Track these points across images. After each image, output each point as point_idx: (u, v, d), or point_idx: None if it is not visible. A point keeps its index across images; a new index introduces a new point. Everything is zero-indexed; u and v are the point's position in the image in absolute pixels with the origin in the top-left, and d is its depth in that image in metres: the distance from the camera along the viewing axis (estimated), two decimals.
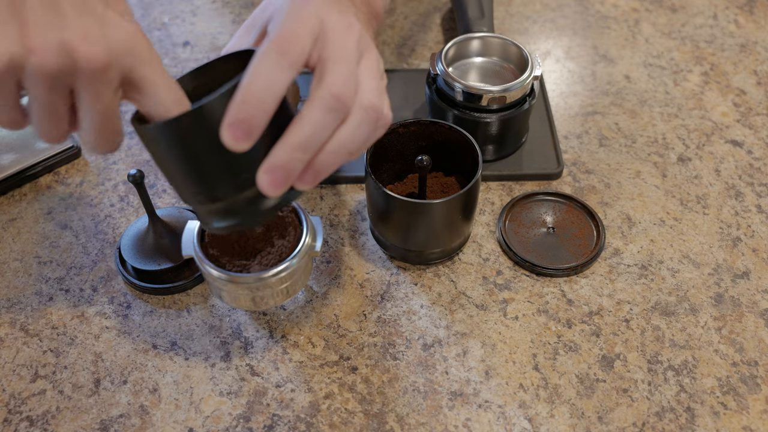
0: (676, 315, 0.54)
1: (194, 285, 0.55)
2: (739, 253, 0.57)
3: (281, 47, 0.37)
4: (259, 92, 0.36)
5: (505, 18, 0.79)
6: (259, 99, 0.36)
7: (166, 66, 0.73)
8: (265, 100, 0.36)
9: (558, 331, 0.53)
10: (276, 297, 0.48)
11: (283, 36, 0.37)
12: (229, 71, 0.41)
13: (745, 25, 0.78)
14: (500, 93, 0.57)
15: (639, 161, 0.64)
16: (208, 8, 0.80)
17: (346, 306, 0.54)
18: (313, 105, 0.37)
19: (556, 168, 0.62)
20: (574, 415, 0.48)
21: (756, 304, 0.54)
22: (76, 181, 0.63)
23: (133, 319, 0.54)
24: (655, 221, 0.60)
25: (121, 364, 0.51)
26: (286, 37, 0.37)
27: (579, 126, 0.67)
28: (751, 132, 0.67)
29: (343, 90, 0.38)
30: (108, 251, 0.58)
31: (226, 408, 0.49)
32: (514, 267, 0.57)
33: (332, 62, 0.38)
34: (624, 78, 0.72)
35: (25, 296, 0.55)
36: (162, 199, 0.61)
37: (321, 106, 0.37)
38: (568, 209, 0.59)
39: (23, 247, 0.58)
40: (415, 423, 0.48)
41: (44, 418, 0.49)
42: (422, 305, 0.54)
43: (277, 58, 0.36)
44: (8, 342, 0.53)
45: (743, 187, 0.62)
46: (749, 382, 0.50)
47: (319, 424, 0.48)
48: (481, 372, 0.51)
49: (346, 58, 0.39)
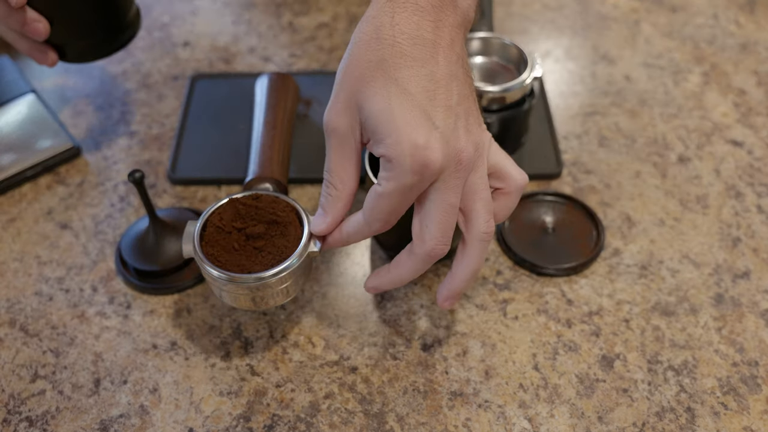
0: (676, 315, 0.54)
1: (194, 285, 0.55)
2: (739, 253, 0.57)
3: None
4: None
5: (505, 18, 0.78)
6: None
7: (166, 66, 0.73)
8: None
9: (558, 331, 0.53)
10: (276, 297, 0.48)
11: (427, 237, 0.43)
12: None
13: (745, 26, 0.78)
14: (500, 93, 0.57)
15: (639, 161, 0.64)
16: (208, 8, 0.80)
17: (346, 306, 0.54)
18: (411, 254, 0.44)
19: (555, 168, 0.62)
20: (574, 415, 0.48)
21: (756, 304, 0.54)
22: (76, 181, 0.63)
23: (133, 319, 0.54)
24: (655, 221, 0.60)
25: (121, 364, 0.51)
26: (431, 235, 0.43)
27: (579, 126, 0.67)
28: (752, 132, 0.67)
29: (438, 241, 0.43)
30: (108, 251, 0.58)
31: (226, 408, 0.49)
32: (514, 267, 0.57)
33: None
34: (624, 78, 0.72)
35: (25, 296, 0.55)
36: (162, 199, 0.61)
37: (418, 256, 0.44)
38: (568, 209, 0.59)
39: (23, 247, 0.58)
40: (415, 423, 0.48)
41: (44, 419, 0.49)
42: (422, 305, 0.54)
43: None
44: (8, 342, 0.53)
45: (743, 187, 0.62)
46: (749, 382, 0.50)
47: (319, 424, 0.48)
48: (481, 372, 0.51)
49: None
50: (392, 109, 0.39)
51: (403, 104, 0.39)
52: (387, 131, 0.39)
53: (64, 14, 0.53)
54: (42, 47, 0.55)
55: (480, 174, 0.43)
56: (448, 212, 0.42)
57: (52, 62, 0.55)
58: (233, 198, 0.49)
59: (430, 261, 0.43)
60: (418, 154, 0.39)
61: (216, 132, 0.65)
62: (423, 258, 0.43)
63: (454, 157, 0.40)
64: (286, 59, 0.74)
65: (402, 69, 0.40)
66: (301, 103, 0.66)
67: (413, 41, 0.40)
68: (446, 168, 0.40)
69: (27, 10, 0.51)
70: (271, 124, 0.57)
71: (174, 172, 0.62)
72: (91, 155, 0.65)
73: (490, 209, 0.44)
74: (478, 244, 0.44)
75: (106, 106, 0.69)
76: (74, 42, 0.56)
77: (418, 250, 0.43)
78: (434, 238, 0.42)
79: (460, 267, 0.45)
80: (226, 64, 0.73)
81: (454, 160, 0.40)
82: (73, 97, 0.70)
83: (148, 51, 0.75)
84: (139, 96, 0.70)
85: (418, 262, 0.43)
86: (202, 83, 0.70)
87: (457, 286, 0.45)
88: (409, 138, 0.39)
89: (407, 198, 0.41)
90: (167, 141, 0.66)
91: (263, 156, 0.54)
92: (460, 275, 0.45)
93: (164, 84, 0.71)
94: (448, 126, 0.40)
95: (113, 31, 0.57)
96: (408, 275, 0.45)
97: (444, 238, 0.42)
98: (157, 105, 0.69)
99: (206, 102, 0.68)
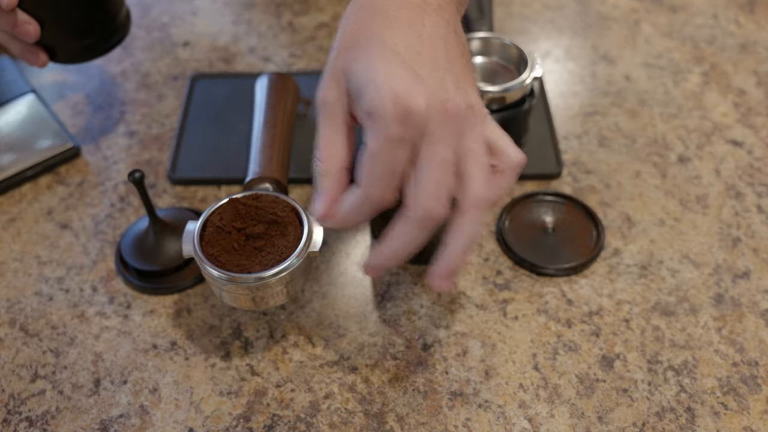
0: (676, 315, 0.54)
1: (194, 285, 0.55)
2: (739, 253, 0.57)
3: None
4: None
5: (505, 18, 0.79)
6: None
7: (166, 66, 0.73)
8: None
9: (558, 331, 0.53)
10: (276, 297, 0.48)
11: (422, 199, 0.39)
12: None
13: (745, 26, 0.78)
14: (500, 93, 0.57)
15: (639, 161, 0.64)
16: (208, 8, 0.80)
17: (346, 306, 0.54)
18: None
19: (556, 168, 0.62)
20: (574, 415, 0.48)
21: (756, 304, 0.54)
22: (76, 181, 0.63)
23: (133, 319, 0.54)
24: (655, 221, 0.60)
25: (121, 364, 0.51)
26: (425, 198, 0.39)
27: (579, 126, 0.67)
28: (751, 132, 0.67)
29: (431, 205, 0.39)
30: (108, 251, 0.58)
31: (226, 408, 0.49)
32: (514, 267, 0.57)
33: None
34: (624, 78, 0.72)
35: (25, 296, 0.55)
36: (162, 199, 0.61)
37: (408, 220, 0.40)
38: (568, 209, 0.59)
39: (23, 247, 0.58)
40: (415, 423, 0.48)
41: (44, 419, 0.49)
42: (422, 305, 0.54)
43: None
44: (8, 342, 0.53)
45: (743, 187, 0.62)
46: (749, 382, 0.50)
47: (319, 424, 0.48)
48: (481, 372, 0.51)
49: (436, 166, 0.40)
50: (374, 64, 0.39)
51: (384, 58, 0.39)
52: (367, 84, 0.38)
53: (54, 16, 0.54)
54: (33, 48, 0.55)
55: (475, 137, 0.40)
56: (441, 167, 0.39)
57: (42, 63, 0.56)
58: (233, 198, 0.49)
59: (426, 225, 0.39)
60: (400, 101, 0.37)
61: (216, 132, 0.65)
62: (418, 221, 0.39)
63: (440, 105, 0.38)
64: (286, 59, 0.74)
65: (386, 30, 0.39)
66: (301, 103, 0.66)
67: (399, 5, 0.40)
68: (432, 117, 0.38)
69: (18, 12, 0.52)
70: (271, 124, 0.57)
71: (174, 172, 0.62)
72: (91, 155, 0.65)
73: (487, 174, 0.41)
74: (473, 211, 0.40)
75: (106, 106, 0.69)
76: (65, 44, 0.56)
77: (411, 212, 0.39)
78: (427, 196, 0.39)
79: (453, 238, 0.41)
80: (226, 64, 0.73)
81: (441, 108, 0.38)
82: (72, 97, 0.70)
83: (147, 51, 0.75)
84: (139, 96, 0.70)
85: (414, 228, 0.40)
86: (202, 83, 0.70)
87: (451, 261, 0.41)
88: (390, 86, 0.37)
89: (397, 155, 0.38)
90: (167, 141, 0.66)
91: (263, 156, 0.54)
92: (453, 248, 0.41)
93: (164, 84, 0.71)
94: (434, 78, 0.39)
95: (104, 33, 0.57)
96: (405, 246, 0.41)
97: (438, 197, 0.39)
98: (157, 105, 0.69)
99: (206, 102, 0.68)
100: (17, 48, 0.55)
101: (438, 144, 0.39)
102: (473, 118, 0.40)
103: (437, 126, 0.39)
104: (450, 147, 0.39)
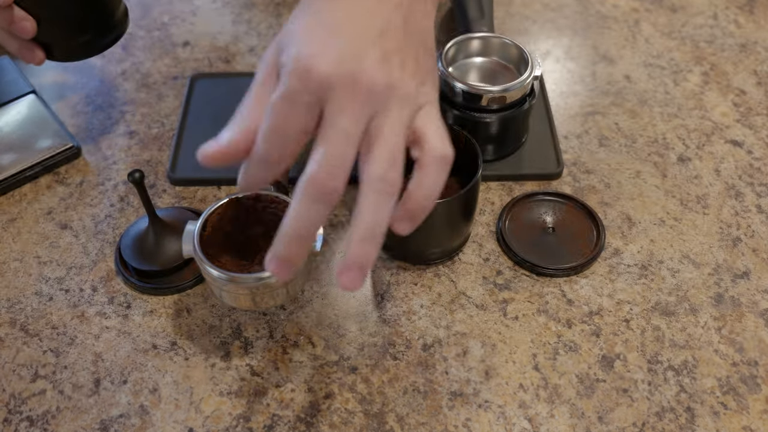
0: (676, 315, 0.54)
1: (194, 285, 0.55)
2: (739, 253, 0.57)
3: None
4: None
5: (505, 18, 0.79)
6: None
7: (166, 65, 0.73)
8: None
9: (558, 331, 0.53)
10: (276, 297, 0.48)
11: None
12: None
13: (745, 25, 0.78)
14: (500, 93, 0.57)
15: (639, 161, 0.64)
16: (208, 8, 0.80)
17: (346, 306, 0.54)
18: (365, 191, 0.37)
19: (556, 168, 0.62)
20: (574, 415, 0.48)
21: (756, 304, 0.54)
22: (76, 181, 0.63)
23: (133, 319, 0.54)
24: (655, 221, 0.60)
25: (121, 364, 0.51)
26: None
27: (579, 126, 0.67)
28: (751, 132, 0.67)
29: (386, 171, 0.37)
30: (108, 251, 0.58)
31: (226, 408, 0.49)
32: (514, 267, 0.57)
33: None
34: (624, 78, 0.72)
35: (25, 296, 0.55)
36: (162, 199, 0.61)
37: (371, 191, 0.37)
38: (568, 209, 0.59)
39: (23, 247, 0.58)
40: (415, 423, 0.48)
41: (44, 418, 0.49)
42: (422, 305, 0.54)
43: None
44: (8, 342, 0.53)
45: (743, 187, 0.62)
46: (749, 382, 0.50)
47: (319, 424, 0.48)
48: (481, 372, 0.51)
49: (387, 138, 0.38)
50: (296, 27, 0.39)
51: (309, 24, 0.39)
52: (291, 39, 0.38)
53: (51, 13, 0.54)
54: (30, 45, 0.55)
55: (392, 120, 0.38)
56: (340, 139, 0.36)
57: (39, 61, 0.55)
58: (233, 198, 0.49)
59: (318, 197, 0.36)
60: (304, 60, 0.36)
61: (216, 132, 0.65)
62: (308, 192, 0.36)
63: (348, 75, 0.37)
64: None
65: (322, 3, 0.39)
66: None
67: None
68: (337, 85, 0.36)
69: (15, 9, 0.52)
70: None
71: (174, 172, 0.62)
72: (91, 155, 0.65)
73: (393, 159, 0.38)
74: (371, 194, 0.37)
75: (106, 106, 0.69)
76: (62, 41, 0.56)
77: (301, 181, 0.37)
78: (318, 165, 0.36)
79: (352, 224, 0.38)
80: (226, 64, 0.73)
81: (350, 79, 0.37)
82: (72, 97, 0.70)
83: (147, 51, 0.75)
84: (139, 96, 0.70)
85: (305, 200, 0.37)
86: (202, 83, 0.70)
87: (351, 251, 0.37)
88: (301, 46, 0.37)
89: (290, 114, 0.37)
90: (167, 141, 0.66)
91: None
92: (352, 236, 0.37)
93: (164, 84, 0.71)
94: (353, 48, 0.37)
95: (101, 30, 0.57)
96: (299, 222, 0.37)
97: (331, 168, 0.36)
98: (157, 105, 0.69)
99: (206, 102, 0.68)
100: (14, 45, 0.55)
101: (341, 114, 0.37)
102: (391, 99, 0.38)
103: (343, 96, 0.37)
104: (354, 120, 0.37)
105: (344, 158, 0.37)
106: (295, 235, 0.38)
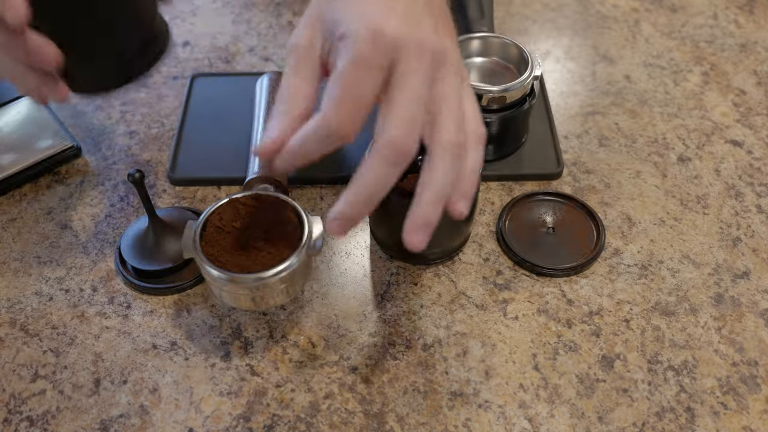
0: (676, 315, 0.54)
1: (194, 285, 0.55)
2: (739, 253, 0.57)
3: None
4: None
5: (505, 18, 0.79)
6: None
7: (166, 65, 0.73)
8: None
9: (558, 331, 0.53)
10: (276, 297, 0.48)
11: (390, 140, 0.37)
12: None
13: (745, 25, 0.78)
14: (500, 93, 0.57)
15: (639, 161, 0.64)
16: (208, 8, 0.80)
17: (346, 306, 0.54)
18: (372, 156, 0.37)
19: (556, 168, 0.62)
20: (574, 415, 0.48)
21: (756, 304, 0.54)
22: (76, 181, 0.63)
23: (133, 319, 0.54)
24: (655, 221, 0.60)
25: (121, 364, 0.51)
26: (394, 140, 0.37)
27: (579, 126, 0.67)
28: (751, 132, 0.67)
29: (403, 140, 0.37)
30: (108, 251, 0.58)
31: (226, 408, 0.49)
32: (514, 267, 0.57)
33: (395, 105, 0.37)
34: (624, 78, 0.72)
35: (25, 296, 0.55)
36: (162, 199, 0.61)
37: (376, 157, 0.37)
38: (568, 209, 0.59)
39: (23, 247, 0.58)
40: (415, 423, 0.48)
41: (44, 418, 0.49)
42: (422, 305, 0.54)
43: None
44: (8, 342, 0.53)
45: (743, 187, 0.62)
46: (749, 382, 0.50)
47: (319, 424, 0.48)
48: (481, 372, 0.51)
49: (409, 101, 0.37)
50: (347, 6, 0.38)
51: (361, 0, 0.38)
52: (345, 15, 0.38)
53: (74, 30, 0.44)
54: (52, 78, 0.45)
55: (451, 85, 0.38)
56: (412, 99, 0.37)
57: (63, 96, 0.45)
58: (233, 198, 0.49)
59: (394, 160, 0.36)
60: (373, 23, 0.36)
61: (216, 132, 0.65)
62: (385, 154, 0.36)
63: (415, 39, 0.37)
64: None
65: None
66: None
67: None
68: (406, 46, 0.37)
69: (30, 34, 0.41)
70: None
71: (174, 172, 0.62)
72: (91, 155, 0.65)
73: (460, 123, 0.39)
74: (442, 154, 0.38)
75: (106, 106, 0.69)
76: (89, 67, 0.47)
77: (378, 143, 0.36)
78: (395, 127, 0.36)
79: (422, 186, 0.38)
80: (226, 64, 0.73)
81: (416, 42, 0.37)
82: (73, 97, 0.70)
83: None
84: (139, 96, 0.70)
85: (381, 162, 0.37)
86: (202, 83, 0.70)
87: (422, 210, 0.38)
88: (365, 14, 0.37)
89: (363, 78, 0.36)
90: (167, 141, 0.66)
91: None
92: (423, 196, 0.38)
93: (164, 84, 0.71)
94: (413, 15, 0.38)
95: (140, 46, 0.48)
96: (373, 187, 0.37)
97: (407, 129, 0.36)
98: (157, 105, 0.69)
99: (206, 102, 0.68)
100: (34, 82, 0.44)
101: (412, 75, 0.37)
102: (448, 65, 0.39)
103: (413, 58, 0.37)
104: (424, 82, 0.37)
105: (416, 120, 0.37)
106: (367, 196, 0.37)
